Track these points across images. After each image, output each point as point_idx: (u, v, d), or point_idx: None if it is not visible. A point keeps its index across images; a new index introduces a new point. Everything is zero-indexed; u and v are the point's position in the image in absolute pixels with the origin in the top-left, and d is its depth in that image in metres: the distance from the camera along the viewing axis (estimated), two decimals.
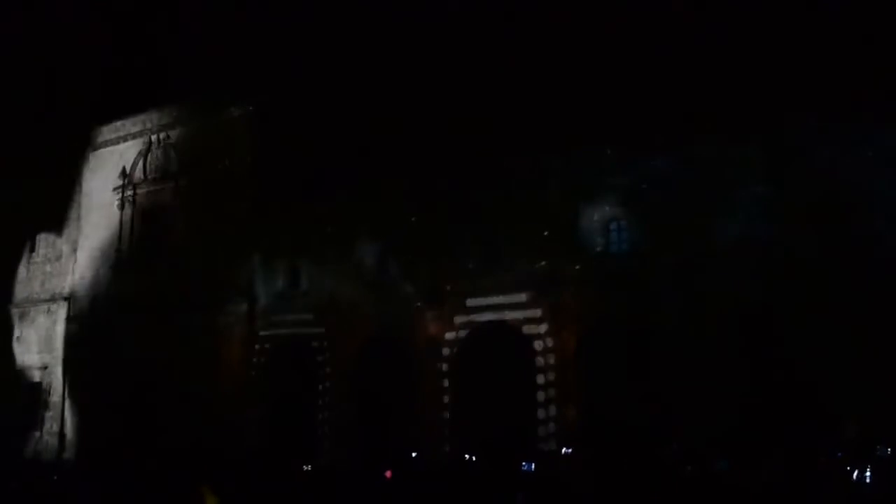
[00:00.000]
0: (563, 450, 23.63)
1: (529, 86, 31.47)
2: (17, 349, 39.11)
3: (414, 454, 25.56)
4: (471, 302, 26.89)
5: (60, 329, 37.51)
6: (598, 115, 27.25)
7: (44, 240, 39.80)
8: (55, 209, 39.30)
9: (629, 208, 24.39)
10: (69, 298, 37.53)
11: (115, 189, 36.76)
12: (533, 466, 22.49)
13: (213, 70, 36.96)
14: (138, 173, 36.30)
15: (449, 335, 27.19)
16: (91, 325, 36.15)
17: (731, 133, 23.09)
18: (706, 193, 22.86)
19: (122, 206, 36.38)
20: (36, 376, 38.04)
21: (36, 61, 41.50)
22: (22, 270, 40.20)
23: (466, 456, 24.37)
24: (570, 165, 25.48)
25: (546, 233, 25.60)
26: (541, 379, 25.07)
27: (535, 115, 29.39)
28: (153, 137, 36.14)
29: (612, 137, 25.01)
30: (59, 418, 36.36)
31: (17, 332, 39.36)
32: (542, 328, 25.35)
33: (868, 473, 17.87)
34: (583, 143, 25.47)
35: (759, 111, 23.20)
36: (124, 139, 37.28)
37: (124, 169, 36.66)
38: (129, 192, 36.29)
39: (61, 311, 37.70)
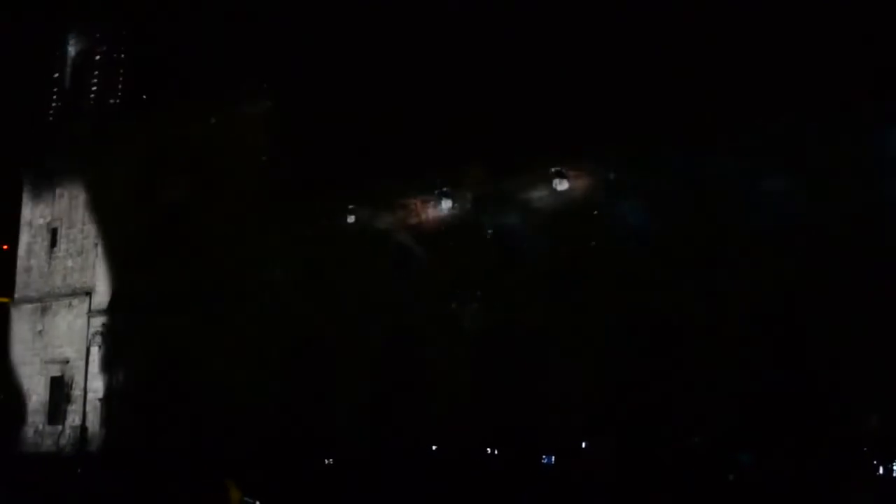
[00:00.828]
0: (584, 444, 23.64)
1: (547, 83, 31.55)
2: (39, 343, 39.28)
3: (434, 447, 25.66)
4: (488, 297, 26.77)
5: (82, 323, 37.61)
6: (617, 112, 27.23)
7: (65, 235, 39.88)
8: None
9: (648, 203, 24.12)
10: (91, 293, 37.67)
11: (133, 185, 36.85)
12: (553, 460, 22.53)
13: (229, 67, 37.10)
14: (156, 169, 36.39)
15: (467, 329, 27.02)
16: (111, 319, 36.33)
17: (747, 128, 22.99)
18: (725, 189, 22.65)
19: (139, 202, 36.49)
20: (58, 370, 38.21)
21: (51, 58, 41.82)
22: (44, 265, 40.40)
23: (488, 450, 24.41)
24: (589, 161, 25.37)
25: (565, 228, 25.57)
26: (560, 373, 24.82)
27: (552, 113, 29.42)
28: (170, 133, 36.12)
29: (631, 133, 24.94)
30: (82, 412, 36.51)
31: (39, 327, 39.57)
32: (560, 323, 25.12)
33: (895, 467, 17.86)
34: (602, 140, 25.41)
35: (775, 107, 23.12)
36: (142, 136, 37.32)
37: (142, 165, 36.73)
38: (147, 188, 36.34)
39: (83, 306, 37.78)
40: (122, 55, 39.37)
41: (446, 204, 27.90)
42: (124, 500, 21.10)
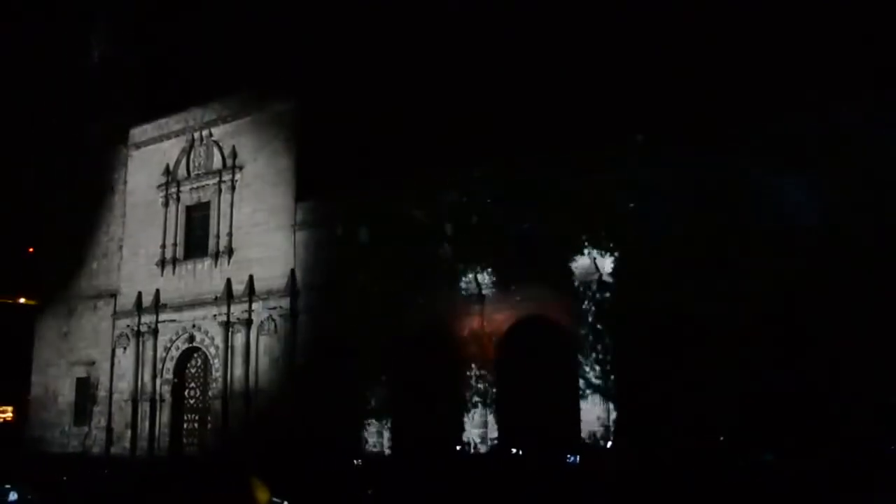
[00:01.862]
0: (608, 443, 23.93)
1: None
2: (65, 345, 39.84)
3: (458, 447, 26.11)
4: (511, 296, 27.09)
5: (107, 325, 38.19)
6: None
7: (90, 237, 40.29)
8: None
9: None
10: (116, 295, 38.22)
11: (158, 186, 37.41)
12: (577, 459, 22.73)
13: (255, 66, 37.34)
14: (182, 170, 37.00)
15: (491, 329, 27.35)
16: (136, 321, 36.87)
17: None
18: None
19: (165, 203, 37.10)
20: (84, 372, 38.85)
21: (78, 59, 42.33)
22: (69, 267, 40.55)
23: (513, 450, 24.71)
24: (607, 160, 25.41)
25: (583, 227, 25.83)
26: (581, 371, 25.19)
27: (568, 111, 29.61)
28: (196, 135, 36.75)
29: (647, 132, 25.11)
30: (107, 413, 37.06)
31: (64, 328, 40.11)
32: (580, 321, 25.51)
33: None
34: (618, 138, 25.54)
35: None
36: (167, 137, 37.85)
37: (168, 166, 37.31)
38: (173, 189, 36.93)
39: (108, 308, 38.39)
40: (144, 59, 39.88)
41: (475, 201, 28.23)
42: (149, 500, 21.36)
